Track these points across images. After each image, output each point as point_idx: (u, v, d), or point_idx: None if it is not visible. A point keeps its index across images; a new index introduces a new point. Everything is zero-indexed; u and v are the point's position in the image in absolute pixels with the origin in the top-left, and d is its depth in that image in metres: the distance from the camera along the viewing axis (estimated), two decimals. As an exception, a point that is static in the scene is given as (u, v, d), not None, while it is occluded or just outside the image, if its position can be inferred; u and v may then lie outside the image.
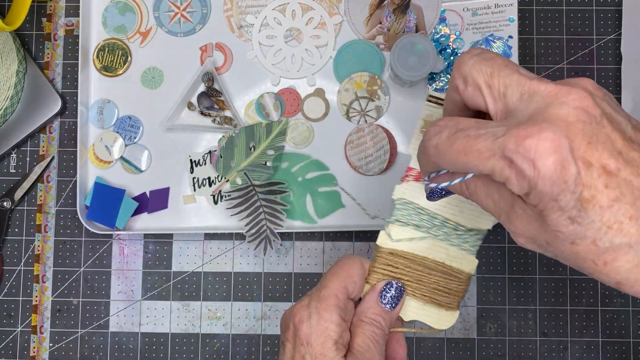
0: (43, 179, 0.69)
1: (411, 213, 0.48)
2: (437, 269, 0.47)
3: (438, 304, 0.47)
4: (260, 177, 0.66)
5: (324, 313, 0.44)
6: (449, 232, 0.47)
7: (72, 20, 0.70)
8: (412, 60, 0.62)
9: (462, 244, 0.47)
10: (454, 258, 0.47)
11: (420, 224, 0.48)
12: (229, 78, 0.68)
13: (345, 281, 0.45)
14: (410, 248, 0.48)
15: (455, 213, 0.47)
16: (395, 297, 0.46)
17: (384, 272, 0.47)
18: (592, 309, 0.67)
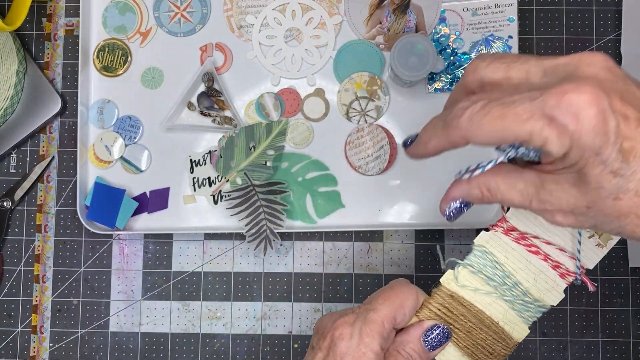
0: (43, 179, 0.69)
1: (487, 264, 0.46)
2: (490, 327, 0.46)
3: (476, 359, 0.47)
4: (260, 177, 0.66)
5: (365, 338, 0.43)
6: (516, 296, 0.46)
7: (72, 20, 0.70)
8: (412, 60, 0.62)
9: (523, 312, 0.47)
10: (509, 322, 0.46)
11: (492, 277, 0.46)
12: (229, 78, 0.68)
13: (397, 311, 0.44)
14: (471, 297, 0.46)
15: (529, 280, 0.46)
16: (439, 340, 0.45)
17: (437, 312, 0.46)
18: (592, 309, 0.67)
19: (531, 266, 0.46)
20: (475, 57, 0.40)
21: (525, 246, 0.46)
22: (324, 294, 0.67)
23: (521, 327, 0.47)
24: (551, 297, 0.46)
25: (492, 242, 0.46)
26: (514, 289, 0.46)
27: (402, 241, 0.67)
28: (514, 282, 0.46)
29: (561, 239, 0.46)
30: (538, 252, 0.46)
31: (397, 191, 0.67)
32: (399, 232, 0.67)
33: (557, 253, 0.46)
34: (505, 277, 0.46)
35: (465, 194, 0.41)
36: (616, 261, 0.67)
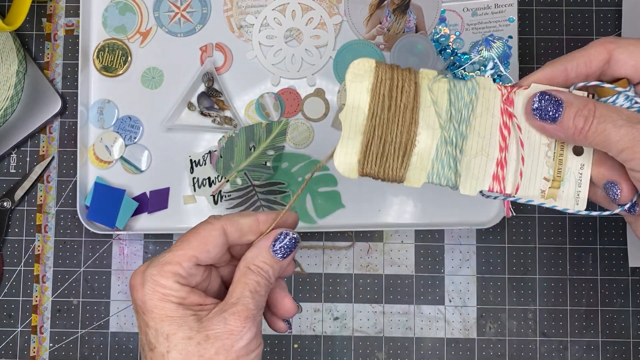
0: (43, 179, 0.69)
1: (465, 98, 0.42)
2: (404, 142, 0.41)
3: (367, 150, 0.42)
4: (260, 177, 0.66)
5: (160, 279, 0.40)
6: (450, 143, 0.41)
7: (72, 21, 0.70)
8: (412, 60, 0.62)
9: (437, 163, 0.42)
10: (420, 156, 0.42)
11: (455, 110, 0.42)
12: (229, 78, 0.68)
13: (196, 250, 0.42)
14: (424, 105, 0.42)
15: (473, 150, 0.42)
16: (288, 246, 0.43)
17: (391, 78, 0.42)
18: (592, 309, 0.67)
19: (487, 141, 0.42)
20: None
21: (503, 124, 0.42)
22: (324, 294, 0.67)
23: (420, 172, 0.42)
24: (468, 183, 0.42)
25: (486, 91, 0.42)
26: (458, 137, 0.42)
27: (402, 241, 0.67)
28: (464, 133, 0.42)
29: (526, 158, 0.42)
30: (505, 139, 0.42)
31: (397, 191, 0.67)
32: (399, 232, 0.67)
33: (515, 159, 0.42)
34: (464, 121, 0.42)
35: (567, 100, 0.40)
36: (616, 261, 0.67)
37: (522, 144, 0.42)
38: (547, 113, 0.40)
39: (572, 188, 0.42)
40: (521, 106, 0.42)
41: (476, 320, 0.67)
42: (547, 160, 0.42)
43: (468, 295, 0.67)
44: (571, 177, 0.42)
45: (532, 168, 0.42)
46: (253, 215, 0.44)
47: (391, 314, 0.67)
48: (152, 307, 0.40)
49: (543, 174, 0.42)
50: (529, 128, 0.42)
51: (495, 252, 0.67)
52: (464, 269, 0.67)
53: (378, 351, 0.67)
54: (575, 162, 0.42)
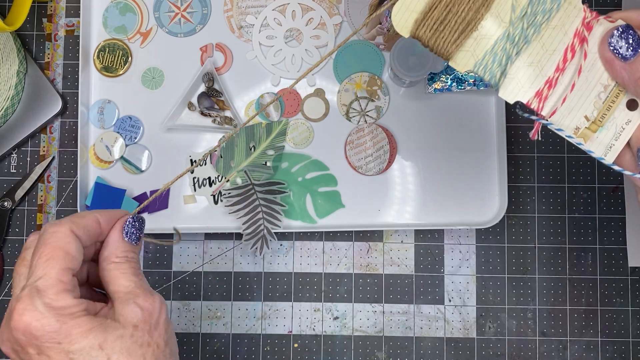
0: (44, 179, 0.69)
1: (546, 4, 0.39)
2: (469, 13, 0.39)
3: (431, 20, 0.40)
4: (261, 177, 0.66)
5: (56, 302, 0.38)
6: (511, 42, 0.39)
7: (73, 21, 0.70)
8: (411, 60, 0.62)
9: (489, 55, 0.40)
10: (476, 41, 0.40)
11: (528, 13, 0.39)
12: (229, 78, 0.68)
13: (65, 262, 0.40)
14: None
15: (530, 58, 0.40)
16: (137, 230, 0.44)
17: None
18: (591, 308, 0.67)
19: (548, 56, 0.40)
20: None
21: (571, 46, 0.40)
22: (324, 294, 0.67)
23: (469, 59, 0.40)
24: (511, 86, 0.40)
25: (569, 8, 0.40)
26: (521, 40, 0.39)
27: (402, 241, 0.68)
28: (529, 38, 0.39)
29: (578, 91, 0.40)
30: (567, 60, 0.40)
31: (397, 191, 0.67)
32: (398, 232, 0.68)
33: (565, 85, 0.40)
34: (535, 26, 0.39)
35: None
36: (616, 261, 0.67)
37: (579, 73, 0.39)
38: (623, 48, 0.37)
39: (608, 137, 0.40)
40: (598, 35, 0.39)
41: (476, 320, 0.67)
42: (596, 101, 0.40)
43: (468, 295, 0.67)
44: (612, 127, 0.40)
45: (578, 101, 0.40)
46: (90, 213, 0.43)
47: (391, 313, 0.67)
48: (67, 331, 0.38)
49: (586, 112, 0.40)
50: (595, 62, 0.40)
51: (494, 252, 0.67)
52: (463, 268, 0.67)
53: (378, 351, 0.67)
54: (624, 114, 0.40)
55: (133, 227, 0.44)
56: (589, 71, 0.40)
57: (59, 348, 0.37)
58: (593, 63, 0.40)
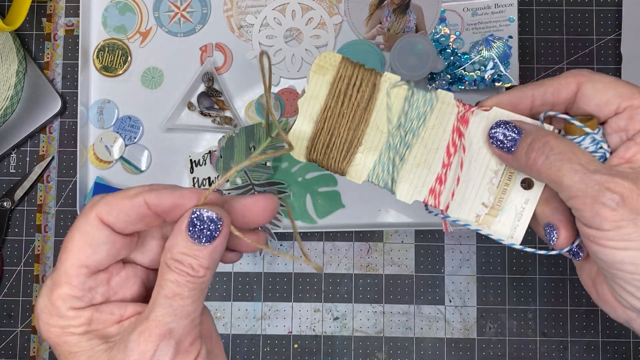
0: (43, 179, 0.69)
1: (419, 107, 0.42)
2: (354, 135, 0.42)
3: (317, 140, 0.42)
4: (261, 177, 0.66)
5: (49, 319, 0.33)
6: (393, 150, 0.42)
7: (72, 20, 0.70)
8: (412, 60, 0.62)
9: (378, 166, 0.42)
10: (364, 156, 0.42)
11: (407, 118, 0.42)
12: (229, 78, 0.68)
13: (79, 259, 0.32)
14: (378, 108, 0.42)
15: (417, 160, 0.42)
16: (209, 228, 0.33)
17: (349, 75, 0.42)
18: (592, 309, 0.67)
19: (432, 155, 0.42)
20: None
21: (452, 142, 0.42)
22: (324, 294, 0.67)
23: (362, 170, 0.42)
24: (404, 190, 0.42)
25: (443, 106, 0.42)
26: (402, 146, 0.42)
27: (402, 241, 0.67)
28: (409, 143, 0.42)
29: (469, 180, 0.42)
30: (450, 156, 0.42)
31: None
32: (399, 232, 0.67)
33: (453, 178, 0.42)
34: (412, 131, 0.42)
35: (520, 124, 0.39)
36: (616, 261, 0.67)
37: (461, 166, 0.41)
38: (505, 142, 0.39)
39: (510, 220, 0.41)
40: (475, 127, 0.41)
41: (476, 320, 0.67)
42: (490, 187, 0.42)
43: (468, 295, 0.67)
44: (511, 209, 0.41)
45: (470, 191, 0.42)
46: (136, 194, 0.33)
47: (391, 314, 0.67)
48: (56, 343, 0.32)
49: (483, 199, 0.42)
50: (480, 150, 0.41)
51: (495, 252, 0.67)
52: (464, 269, 0.67)
53: (378, 351, 0.67)
54: (520, 195, 0.41)
55: (201, 224, 0.33)
56: (475, 161, 0.41)
57: (56, 353, 0.33)
58: (478, 152, 0.41)
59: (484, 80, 0.66)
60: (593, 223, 0.35)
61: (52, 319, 0.32)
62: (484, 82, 0.66)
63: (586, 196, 0.35)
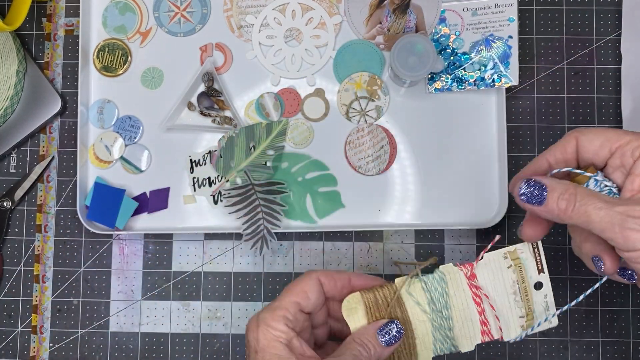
0: (43, 179, 0.69)
1: (438, 289, 0.51)
2: (408, 338, 0.51)
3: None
4: (261, 177, 0.66)
5: (271, 322, 0.47)
6: (442, 327, 0.51)
7: (72, 20, 0.70)
8: (412, 60, 0.62)
9: (438, 342, 0.51)
10: (423, 343, 0.51)
11: (435, 301, 0.51)
12: (229, 78, 0.68)
13: (298, 297, 0.49)
14: (410, 307, 0.51)
15: (459, 321, 0.51)
16: (394, 336, 0.49)
17: (380, 301, 0.51)
18: (592, 309, 0.67)
19: (467, 311, 0.51)
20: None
21: (474, 294, 0.51)
22: (324, 294, 0.67)
23: (428, 353, 0.51)
24: (465, 344, 0.52)
25: (452, 275, 0.52)
26: (444, 320, 0.51)
27: (402, 241, 0.67)
28: (448, 315, 0.51)
29: (502, 308, 0.52)
30: (480, 304, 0.51)
31: (397, 191, 0.67)
32: (399, 232, 0.67)
33: (492, 314, 0.51)
34: (444, 307, 0.51)
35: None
36: (616, 261, 0.67)
37: (492, 307, 0.51)
38: (534, 197, 0.46)
39: (542, 314, 0.52)
40: (483, 275, 0.51)
41: (476, 320, 0.67)
42: (517, 303, 0.51)
43: (468, 295, 0.67)
44: (539, 307, 0.52)
45: (508, 315, 0.52)
46: (346, 273, 0.52)
47: (391, 313, 0.67)
48: (265, 345, 0.46)
49: (519, 314, 0.52)
50: (495, 289, 0.51)
51: (495, 252, 0.67)
52: (464, 268, 0.67)
53: (378, 351, 0.67)
54: (539, 295, 0.52)
55: (392, 332, 0.49)
56: (497, 295, 0.51)
57: (256, 356, 0.47)
58: (494, 290, 0.52)
59: (484, 80, 0.66)
60: (627, 247, 0.43)
61: (270, 327, 0.47)
62: (484, 82, 0.66)
63: (614, 226, 0.43)
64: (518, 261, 0.52)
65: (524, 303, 0.51)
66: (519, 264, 0.52)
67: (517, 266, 0.52)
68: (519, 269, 0.52)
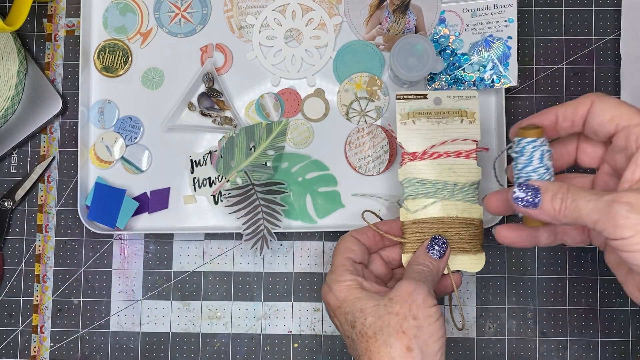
0: (44, 179, 0.69)
1: (417, 186, 0.58)
2: (455, 222, 0.57)
3: (465, 250, 0.57)
4: (261, 177, 0.66)
5: (339, 278, 0.53)
6: (452, 191, 0.57)
7: (73, 21, 0.70)
8: (411, 60, 0.62)
9: (465, 197, 0.57)
10: (463, 210, 0.57)
11: (427, 192, 0.58)
12: (229, 78, 0.68)
13: (346, 253, 0.55)
14: (427, 214, 0.58)
15: (450, 175, 0.58)
16: (440, 248, 0.56)
17: (414, 239, 0.57)
18: (591, 308, 0.67)
19: (443, 166, 0.58)
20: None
21: (430, 157, 0.58)
22: (324, 293, 0.67)
23: (475, 207, 0.58)
24: (473, 175, 0.58)
25: (409, 171, 0.58)
26: (446, 188, 0.57)
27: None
28: (443, 183, 0.58)
29: (446, 134, 0.58)
30: (439, 155, 0.58)
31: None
32: (398, 232, 0.68)
33: (452, 146, 0.58)
34: (434, 184, 0.58)
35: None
36: (615, 261, 0.67)
37: (442, 142, 0.59)
38: (528, 200, 0.46)
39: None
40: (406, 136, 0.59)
41: (475, 320, 0.67)
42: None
43: (467, 294, 0.67)
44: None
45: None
46: (370, 228, 0.58)
47: (391, 313, 0.67)
48: (344, 296, 0.52)
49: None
50: (426, 138, 0.59)
51: (494, 252, 0.67)
52: (463, 268, 0.67)
53: (378, 351, 0.67)
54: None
55: (435, 245, 0.56)
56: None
57: (339, 311, 0.52)
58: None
59: (483, 81, 0.66)
60: (616, 234, 0.41)
61: (340, 279, 0.53)
62: (483, 83, 0.66)
63: (601, 215, 0.41)
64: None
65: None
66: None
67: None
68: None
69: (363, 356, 0.49)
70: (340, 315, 0.52)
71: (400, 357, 0.47)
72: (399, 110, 0.59)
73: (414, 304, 0.49)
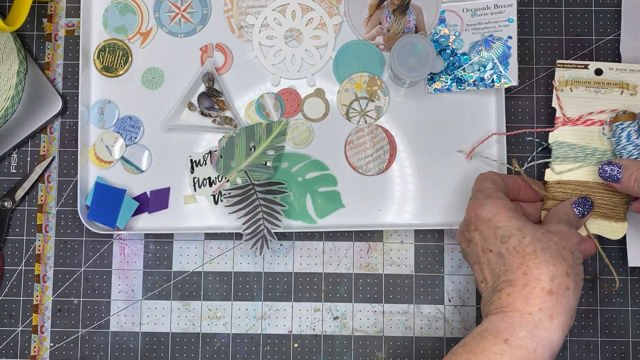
0: (44, 179, 0.69)
1: (566, 149, 0.62)
2: (600, 188, 0.60)
3: (607, 217, 0.60)
4: (261, 177, 0.66)
5: (492, 194, 0.56)
6: (601, 158, 0.61)
7: (73, 21, 0.70)
8: (411, 60, 0.62)
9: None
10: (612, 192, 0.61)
11: (576, 156, 0.62)
12: (229, 78, 0.68)
13: (494, 178, 0.59)
14: (572, 176, 0.61)
15: (604, 142, 0.61)
16: (585, 207, 0.60)
17: (559, 196, 0.61)
18: (591, 308, 0.67)
19: (595, 133, 0.62)
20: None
21: (582, 124, 0.62)
22: (324, 293, 0.67)
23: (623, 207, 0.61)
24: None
25: (560, 135, 0.63)
26: (595, 154, 0.61)
27: (401, 241, 0.68)
28: (593, 149, 0.62)
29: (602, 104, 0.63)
30: (593, 122, 0.62)
31: (397, 191, 0.67)
32: (398, 232, 0.68)
33: (608, 115, 0.62)
34: (584, 150, 0.62)
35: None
36: (615, 261, 0.67)
37: (589, 113, 0.63)
38: (612, 174, 0.57)
39: None
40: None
41: (476, 320, 0.67)
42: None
43: (467, 294, 0.67)
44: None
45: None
46: (505, 176, 0.61)
47: (391, 313, 0.67)
48: (498, 212, 0.54)
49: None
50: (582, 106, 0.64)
51: (494, 252, 0.67)
52: (463, 268, 0.67)
53: (378, 350, 0.67)
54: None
55: (582, 202, 0.60)
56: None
57: (488, 224, 0.54)
58: None
59: (484, 81, 0.66)
60: None
61: (494, 195, 0.56)
62: (483, 83, 0.66)
63: None
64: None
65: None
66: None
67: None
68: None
69: (516, 271, 0.51)
70: (487, 228, 0.54)
71: (559, 277, 0.51)
72: (557, 77, 0.63)
73: (569, 241, 0.54)
